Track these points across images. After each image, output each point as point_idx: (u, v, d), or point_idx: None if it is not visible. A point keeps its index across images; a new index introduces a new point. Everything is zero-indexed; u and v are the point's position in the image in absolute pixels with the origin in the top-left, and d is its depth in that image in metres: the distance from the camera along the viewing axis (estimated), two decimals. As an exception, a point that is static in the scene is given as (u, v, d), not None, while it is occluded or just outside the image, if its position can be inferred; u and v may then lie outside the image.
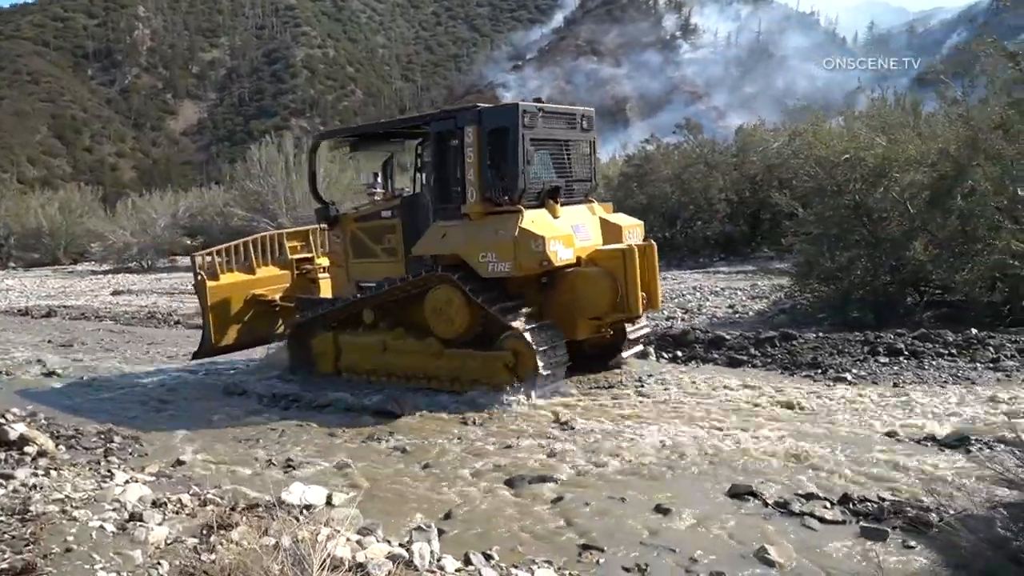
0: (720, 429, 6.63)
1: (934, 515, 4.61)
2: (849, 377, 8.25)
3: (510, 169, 7.85)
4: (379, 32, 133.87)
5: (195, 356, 10.14)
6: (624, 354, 9.04)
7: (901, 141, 12.36)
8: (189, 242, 36.74)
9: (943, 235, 11.11)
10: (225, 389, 9.28)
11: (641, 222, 9.18)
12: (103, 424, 7.64)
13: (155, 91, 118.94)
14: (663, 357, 9.58)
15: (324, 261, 10.52)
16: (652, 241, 8.45)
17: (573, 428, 6.88)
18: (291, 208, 30.90)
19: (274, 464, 6.29)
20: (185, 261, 30.99)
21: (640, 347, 9.31)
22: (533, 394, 7.71)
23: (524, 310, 7.96)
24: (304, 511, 4.83)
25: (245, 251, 10.22)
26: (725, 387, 8.06)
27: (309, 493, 5.08)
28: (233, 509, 4.73)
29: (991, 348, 8.67)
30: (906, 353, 8.79)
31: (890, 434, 6.37)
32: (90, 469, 5.79)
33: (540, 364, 7.67)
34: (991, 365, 8.27)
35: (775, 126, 24.66)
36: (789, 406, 7.35)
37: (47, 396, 9.45)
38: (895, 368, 8.45)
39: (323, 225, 9.61)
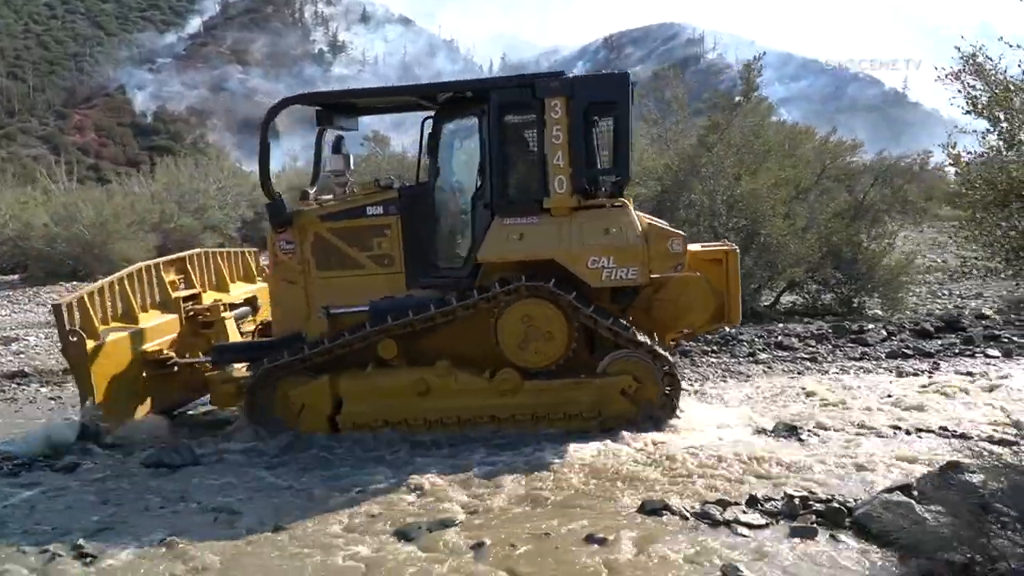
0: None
1: (836, 504, 4.81)
2: (637, 378, 8.52)
3: (619, 153, 6.58)
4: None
5: None
6: None
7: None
8: None
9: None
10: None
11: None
12: None
13: None
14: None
15: (213, 297, 8.05)
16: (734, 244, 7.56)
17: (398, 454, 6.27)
18: None
19: (59, 555, 4.53)
20: None
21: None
22: (679, 412, 6.68)
23: (629, 325, 6.64)
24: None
25: (121, 292, 7.27)
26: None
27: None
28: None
29: (744, 343, 9.62)
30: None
31: (721, 427, 6.64)
32: None
33: (680, 378, 6.75)
34: (751, 359, 9.14)
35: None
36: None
37: None
38: (672, 367, 8.94)
39: (277, 228, 7.13)
